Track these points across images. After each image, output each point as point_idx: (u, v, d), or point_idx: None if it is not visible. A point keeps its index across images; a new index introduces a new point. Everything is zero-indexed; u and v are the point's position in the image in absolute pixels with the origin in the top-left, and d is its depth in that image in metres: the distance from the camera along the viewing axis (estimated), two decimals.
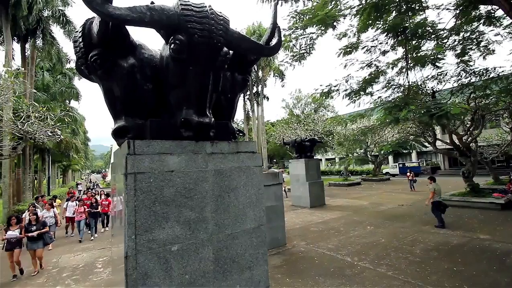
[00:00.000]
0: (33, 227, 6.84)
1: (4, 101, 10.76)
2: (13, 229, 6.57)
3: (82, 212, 10.39)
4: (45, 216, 9.36)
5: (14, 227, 6.61)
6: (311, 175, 14.89)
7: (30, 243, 6.72)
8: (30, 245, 6.72)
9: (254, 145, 2.78)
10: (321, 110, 36.58)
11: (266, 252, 2.71)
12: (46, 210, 9.81)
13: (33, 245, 6.73)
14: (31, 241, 6.71)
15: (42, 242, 6.88)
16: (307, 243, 8.31)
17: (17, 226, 6.67)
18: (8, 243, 6.45)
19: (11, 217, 6.78)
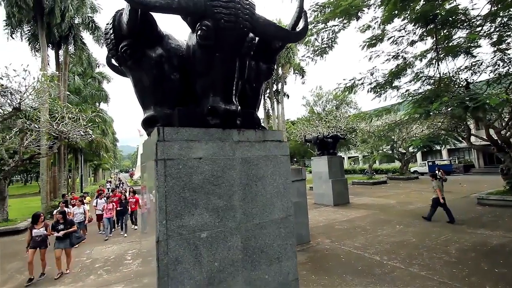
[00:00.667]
0: (59, 225, 6.49)
1: (41, 103, 11.52)
2: (38, 227, 6.24)
3: (110, 210, 10.15)
4: (75, 213, 9.37)
5: (39, 225, 6.28)
6: (334, 172, 14.52)
7: (57, 243, 6.40)
8: (57, 245, 6.40)
9: (281, 134, 2.72)
10: (343, 107, 35.62)
11: (294, 243, 2.64)
12: (76, 206, 9.76)
13: (60, 244, 6.41)
14: (58, 241, 6.40)
15: (69, 242, 6.52)
16: (332, 241, 8.09)
17: (42, 224, 6.34)
18: (33, 241, 6.16)
19: (38, 214, 6.41)
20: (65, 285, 5.80)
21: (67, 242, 6.48)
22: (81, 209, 9.76)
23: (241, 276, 2.28)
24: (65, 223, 6.55)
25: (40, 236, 6.20)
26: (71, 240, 6.55)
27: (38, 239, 6.16)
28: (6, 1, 16.31)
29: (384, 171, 35.02)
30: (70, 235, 6.52)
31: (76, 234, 6.82)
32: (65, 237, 6.43)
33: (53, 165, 18.65)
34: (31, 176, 52.28)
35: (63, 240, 6.40)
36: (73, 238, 6.62)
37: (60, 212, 6.81)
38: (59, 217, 6.60)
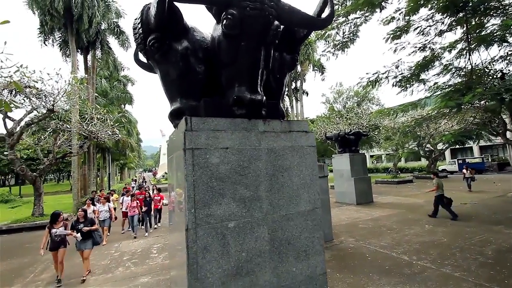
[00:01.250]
0: (80, 224, 6.06)
1: (72, 105, 12.19)
2: (57, 227, 5.84)
3: (135, 207, 9.82)
4: (100, 210, 9.20)
5: (58, 224, 5.87)
6: (356, 170, 14.12)
7: (78, 243, 5.98)
8: (79, 245, 6.00)
9: (306, 124, 2.66)
10: (365, 103, 34.48)
11: (322, 236, 2.57)
12: (101, 204, 9.47)
13: (81, 245, 5.99)
14: (80, 241, 5.96)
15: (92, 242, 6.07)
16: (356, 239, 7.86)
17: (61, 223, 5.92)
18: (51, 242, 5.75)
19: (57, 213, 5.99)
20: (96, 276, 6.09)
21: (90, 242, 6.04)
22: (105, 207, 9.44)
23: (268, 267, 2.26)
24: (85, 222, 6.13)
25: (60, 236, 5.80)
26: (94, 240, 6.11)
27: (57, 239, 5.76)
28: (40, 11, 17.43)
29: (409, 169, 33.54)
30: (92, 235, 6.08)
31: (99, 234, 6.36)
32: (88, 236, 5.99)
33: (83, 164, 19.71)
34: (63, 175, 55.66)
35: (85, 240, 5.98)
36: (96, 238, 6.15)
37: (82, 210, 6.49)
38: (80, 214, 6.22)
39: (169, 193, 3.49)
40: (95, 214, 9.13)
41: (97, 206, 9.45)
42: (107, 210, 9.38)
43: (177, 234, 2.39)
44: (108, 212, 9.35)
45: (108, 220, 9.35)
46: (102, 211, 9.27)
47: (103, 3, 20.13)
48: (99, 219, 9.06)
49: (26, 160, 24.83)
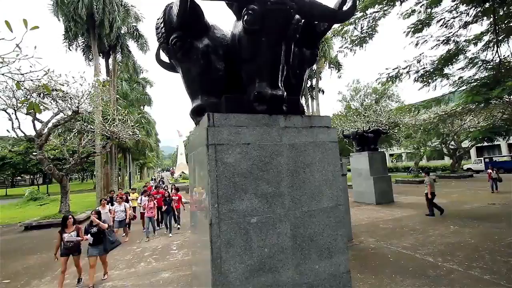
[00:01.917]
0: (92, 228, 5.55)
1: (95, 107, 12.70)
2: (69, 231, 5.38)
3: (151, 208, 9.18)
4: (116, 210, 8.77)
5: (70, 229, 5.42)
6: (375, 169, 13.74)
7: (90, 248, 5.52)
8: (90, 251, 5.51)
9: (329, 120, 2.61)
10: (384, 100, 33.45)
11: (345, 234, 2.52)
12: (117, 203, 9.01)
13: (93, 250, 5.51)
14: (92, 247, 5.52)
15: (103, 248, 5.58)
16: (376, 239, 7.66)
17: (74, 228, 5.47)
18: (64, 248, 5.31)
19: (67, 217, 5.53)
20: (119, 270, 6.31)
21: (101, 248, 5.55)
22: (122, 207, 8.89)
23: (291, 264, 2.24)
24: (98, 225, 5.60)
25: (72, 242, 5.34)
26: (104, 246, 5.59)
27: (69, 245, 5.32)
28: (64, 17, 18.29)
29: (432, 169, 32.22)
30: (103, 240, 5.58)
31: (111, 239, 5.70)
32: (98, 242, 5.52)
33: (105, 163, 20.50)
34: (86, 174, 58.19)
35: (96, 245, 5.51)
36: (106, 243, 5.61)
37: (97, 212, 5.90)
38: (94, 217, 5.68)
39: (190, 193, 3.51)
40: (111, 214, 8.77)
41: (114, 206, 9.03)
42: (123, 210, 8.89)
43: (200, 230, 2.42)
44: (124, 212, 8.86)
45: (124, 221, 8.92)
46: (118, 211, 8.82)
47: (123, 8, 20.84)
48: (116, 219, 8.74)
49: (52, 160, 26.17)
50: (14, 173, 38.96)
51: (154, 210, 9.33)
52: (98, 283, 5.64)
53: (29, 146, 22.94)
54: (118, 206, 8.90)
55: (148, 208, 9.16)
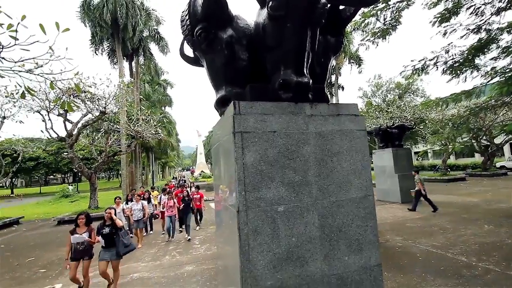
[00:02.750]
0: (105, 228, 4.89)
1: (121, 107, 13.23)
2: (81, 232, 4.76)
3: (171, 207, 8.54)
4: (133, 209, 8.18)
5: (81, 229, 4.80)
6: (400, 166, 13.21)
7: (102, 252, 4.85)
8: (102, 255, 4.82)
9: (356, 108, 2.53)
10: (408, 96, 32.06)
11: (375, 226, 2.43)
12: (134, 201, 8.41)
13: (105, 254, 4.81)
14: (104, 249, 4.86)
15: (116, 252, 4.82)
16: (403, 238, 7.35)
17: (86, 228, 4.83)
18: (74, 251, 4.68)
19: (79, 215, 4.91)
20: (145, 263, 6.53)
21: (113, 252, 4.82)
22: (139, 205, 8.27)
23: (319, 254, 2.19)
24: (112, 225, 4.92)
25: (83, 244, 4.69)
26: (118, 249, 4.83)
27: (80, 248, 4.68)
28: (91, 23, 19.22)
29: (461, 167, 30.44)
30: (117, 243, 4.85)
31: (125, 241, 4.92)
32: (111, 244, 4.82)
33: (130, 162, 21.34)
34: (112, 173, 60.95)
35: (108, 248, 4.83)
36: (120, 247, 4.83)
37: (111, 209, 5.19)
38: (107, 216, 5.02)
39: (215, 190, 3.52)
40: (125, 213, 8.10)
41: (130, 204, 8.40)
42: (141, 209, 8.26)
43: (228, 219, 2.43)
44: (141, 211, 8.25)
45: (142, 221, 8.33)
46: (136, 209, 8.19)
47: (145, 12, 21.53)
48: (133, 219, 8.18)
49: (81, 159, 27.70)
50: (47, 172, 41.64)
51: (175, 209, 8.67)
52: (126, 273, 5.86)
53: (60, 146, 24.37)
54: (135, 205, 8.29)
55: (168, 206, 8.56)
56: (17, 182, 55.11)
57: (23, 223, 13.68)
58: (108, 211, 5.08)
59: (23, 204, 24.45)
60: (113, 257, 4.84)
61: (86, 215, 4.97)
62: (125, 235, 5.05)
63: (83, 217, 4.90)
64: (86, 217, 4.93)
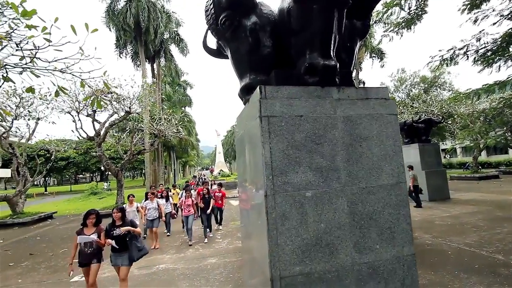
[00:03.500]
0: (115, 229, 4.21)
1: (144, 107, 13.70)
2: (89, 232, 4.13)
3: (189, 205, 7.73)
4: (148, 208, 7.52)
5: (89, 229, 4.17)
6: (428, 162, 12.60)
7: (113, 256, 4.23)
8: (114, 260, 4.23)
9: (386, 91, 2.43)
10: (434, 90, 30.48)
11: (408, 214, 2.32)
12: (149, 200, 7.72)
13: (117, 259, 4.21)
14: (114, 254, 4.21)
15: (128, 257, 4.21)
16: (433, 236, 7.02)
17: (94, 229, 4.18)
18: (80, 255, 4.11)
19: (89, 213, 4.23)
20: (170, 255, 6.71)
21: (125, 257, 4.21)
22: (154, 204, 7.61)
23: (349, 241, 2.13)
24: (123, 225, 4.27)
25: (91, 246, 4.11)
26: (130, 254, 4.21)
27: (88, 251, 4.09)
28: (115, 27, 20.05)
29: (493, 164, 28.52)
30: (130, 246, 4.22)
31: (138, 244, 4.30)
32: (123, 248, 4.19)
33: (153, 160, 22.06)
34: (137, 172, 63.38)
35: (119, 252, 4.19)
36: (133, 251, 4.22)
37: (119, 208, 4.44)
38: (116, 216, 4.30)
39: (239, 186, 3.49)
40: (139, 212, 7.44)
41: (145, 202, 7.76)
42: (156, 208, 7.61)
43: (255, 204, 2.43)
44: (157, 210, 7.60)
45: (157, 220, 7.61)
46: (150, 209, 7.55)
47: (165, 15, 22.12)
48: (148, 218, 7.52)
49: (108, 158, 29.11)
50: (77, 171, 44.09)
51: (193, 208, 7.87)
52: (152, 264, 6.06)
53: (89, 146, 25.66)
54: (149, 203, 7.66)
55: (186, 205, 7.70)
56: (50, 181, 58.83)
57: (56, 218, 14.56)
58: (115, 213, 4.32)
59: (55, 201, 26.04)
60: (125, 263, 4.20)
61: (96, 213, 4.27)
62: (138, 237, 4.37)
63: (94, 216, 4.20)
64: (96, 216, 4.24)
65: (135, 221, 4.56)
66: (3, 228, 12.03)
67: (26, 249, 8.28)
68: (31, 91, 4.17)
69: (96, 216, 4.25)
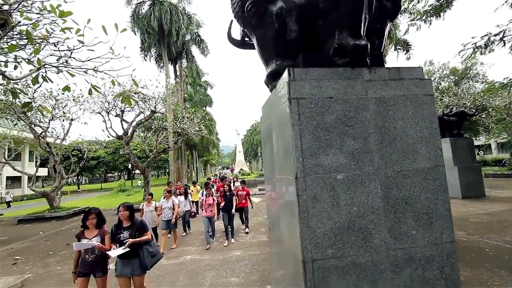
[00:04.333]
0: (123, 232, 3.57)
1: (168, 106, 14.14)
2: (90, 236, 3.47)
3: (210, 205, 7.02)
4: (164, 207, 6.92)
5: (91, 232, 3.52)
6: (460, 157, 11.87)
7: (120, 264, 3.52)
8: (121, 268, 3.50)
9: (421, 71, 2.32)
10: (466, 82, 28.63)
11: (447, 199, 2.20)
12: (165, 199, 7.10)
13: (125, 268, 3.50)
14: (122, 261, 3.51)
15: (139, 265, 3.50)
16: (468, 233, 6.61)
17: (97, 231, 3.53)
18: (81, 263, 3.44)
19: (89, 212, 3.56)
20: (196, 247, 6.87)
21: (136, 265, 3.50)
22: (169, 203, 6.98)
23: (383, 226, 2.06)
24: (131, 228, 3.61)
25: (92, 253, 3.41)
26: (142, 261, 3.50)
27: (89, 259, 3.40)
28: (140, 31, 20.87)
29: None
30: (141, 252, 3.52)
31: (150, 249, 3.60)
32: (133, 254, 3.47)
33: (177, 159, 22.71)
34: (161, 171, 65.67)
35: (128, 259, 3.49)
36: (145, 258, 3.51)
37: (126, 206, 3.70)
38: (123, 215, 3.63)
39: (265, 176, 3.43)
40: (157, 211, 6.81)
41: (161, 201, 7.12)
42: (171, 207, 6.96)
43: (285, 186, 2.41)
44: (171, 210, 6.96)
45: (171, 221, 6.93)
46: (166, 208, 6.93)
47: (186, 17, 22.68)
48: (163, 218, 6.90)
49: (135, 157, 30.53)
50: (106, 170, 46.49)
51: (214, 208, 7.15)
52: (179, 255, 6.23)
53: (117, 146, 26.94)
54: (165, 202, 7.01)
55: (207, 205, 7.03)
56: (82, 179, 62.55)
57: None
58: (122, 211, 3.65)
59: (88, 197, 27.65)
60: (137, 271, 3.50)
61: (97, 213, 3.59)
62: (151, 241, 3.73)
63: (94, 215, 3.52)
64: (97, 216, 3.55)
65: (145, 222, 3.89)
66: (42, 221, 12.98)
67: (63, 240, 8.87)
68: (67, 89, 4.44)
69: (97, 216, 3.57)
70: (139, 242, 3.51)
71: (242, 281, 4.67)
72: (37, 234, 10.38)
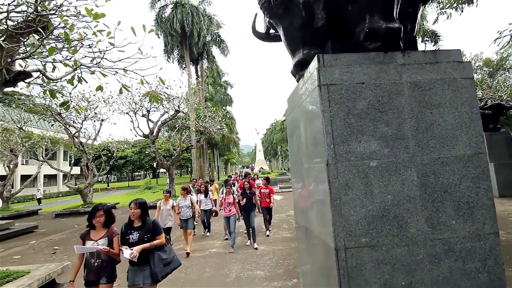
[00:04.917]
0: (132, 233, 3.17)
1: (191, 105, 14.50)
2: (96, 237, 3.08)
3: (231, 204, 6.61)
4: (181, 206, 6.54)
5: (98, 233, 3.12)
6: (497, 153, 11.08)
7: (132, 272, 3.13)
8: (132, 277, 3.12)
9: (459, 53, 2.19)
10: (501, 73, 26.57)
11: (489, 188, 2.07)
12: (182, 197, 6.73)
13: (136, 276, 3.10)
14: (133, 268, 3.12)
15: (150, 274, 3.06)
16: (507, 232, 6.22)
17: (104, 232, 3.12)
18: (87, 268, 3.05)
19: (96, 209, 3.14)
20: (220, 241, 6.99)
21: (146, 273, 3.08)
22: (187, 201, 6.59)
23: (420, 215, 1.98)
24: (142, 228, 3.19)
25: (98, 258, 3.03)
26: (153, 270, 3.06)
27: (94, 264, 3.02)
28: (163, 33, 21.58)
29: None
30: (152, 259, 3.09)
31: (163, 256, 3.15)
32: (144, 261, 3.07)
33: (199, 157, 23.24)
34: (183, 170, 67.58)
35: (140, 267, 3.10)
36: (156, 267, 3.06)
37: (138, 202, 3.29)
38: (134, 214, 3.21)
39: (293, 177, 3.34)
40: (175, 211, 6.53)
41: (178, 200, 6.77)
42: (189, 206, 6.57)
43: (315, 177, 2.39)
44: (190, 209, 6.57)
45: (192, 220, 6.64)
46: (183, 207, 6.54)
47: (207, 18, 23.10)
48: (181, 218, 6.51)
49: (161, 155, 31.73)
50: (133, 168, 48.64)
51: (235, 208, 6.68)
52: (205, 248, 6.37)
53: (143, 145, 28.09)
54: (182, 200, 6.63)
55: (226, 203, 6.63)
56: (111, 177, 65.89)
57: (118, 208, 16.23)
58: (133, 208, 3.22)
59: (116, 194, 29.09)
60: (147, 281, 3.05)
61: (105, 209, 3.19)
62: (165, 246, 3.27)
63: (102, 213, 3.11)
64: (105, 214, 3.15)
65: (159, 223, 3.48)
66: (76, 215, 13.85)
67: None
68: (100, 89, 4.69)
69: (106, 213, 3.14)
70: (149, 248, 3.05)
71: (267, 274, 4.69)
72: (72, 227, 11.10)
